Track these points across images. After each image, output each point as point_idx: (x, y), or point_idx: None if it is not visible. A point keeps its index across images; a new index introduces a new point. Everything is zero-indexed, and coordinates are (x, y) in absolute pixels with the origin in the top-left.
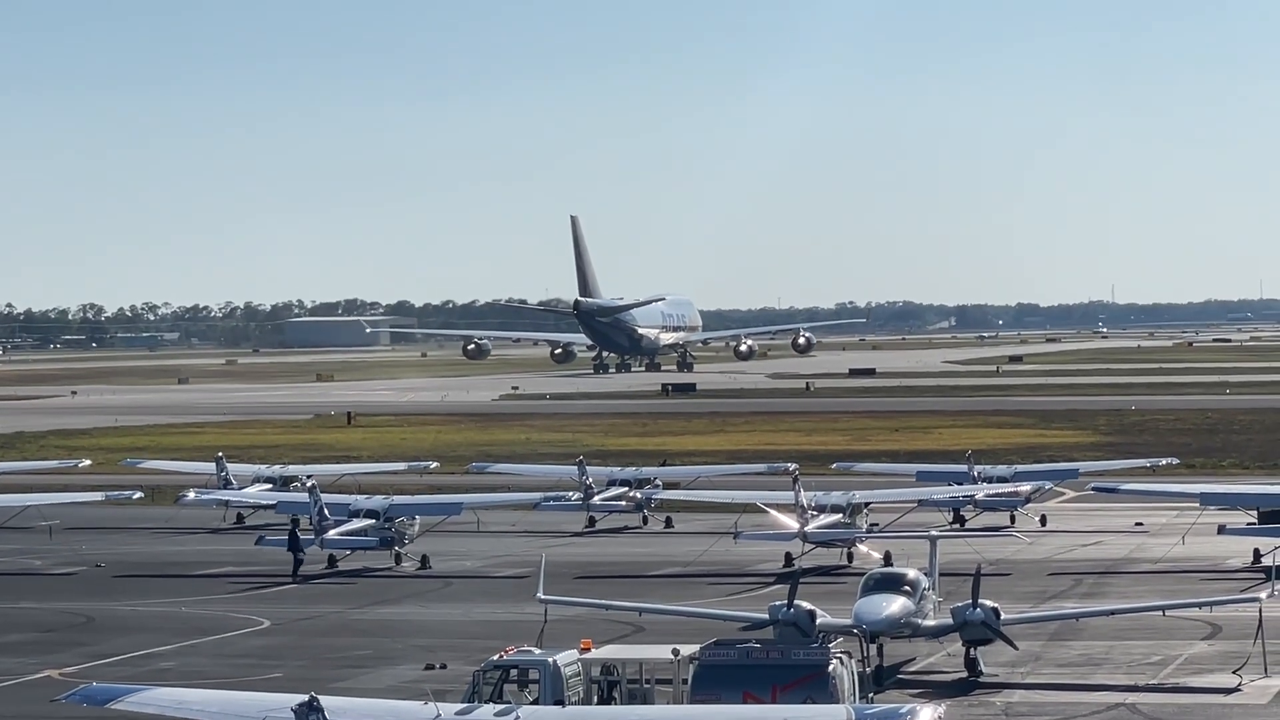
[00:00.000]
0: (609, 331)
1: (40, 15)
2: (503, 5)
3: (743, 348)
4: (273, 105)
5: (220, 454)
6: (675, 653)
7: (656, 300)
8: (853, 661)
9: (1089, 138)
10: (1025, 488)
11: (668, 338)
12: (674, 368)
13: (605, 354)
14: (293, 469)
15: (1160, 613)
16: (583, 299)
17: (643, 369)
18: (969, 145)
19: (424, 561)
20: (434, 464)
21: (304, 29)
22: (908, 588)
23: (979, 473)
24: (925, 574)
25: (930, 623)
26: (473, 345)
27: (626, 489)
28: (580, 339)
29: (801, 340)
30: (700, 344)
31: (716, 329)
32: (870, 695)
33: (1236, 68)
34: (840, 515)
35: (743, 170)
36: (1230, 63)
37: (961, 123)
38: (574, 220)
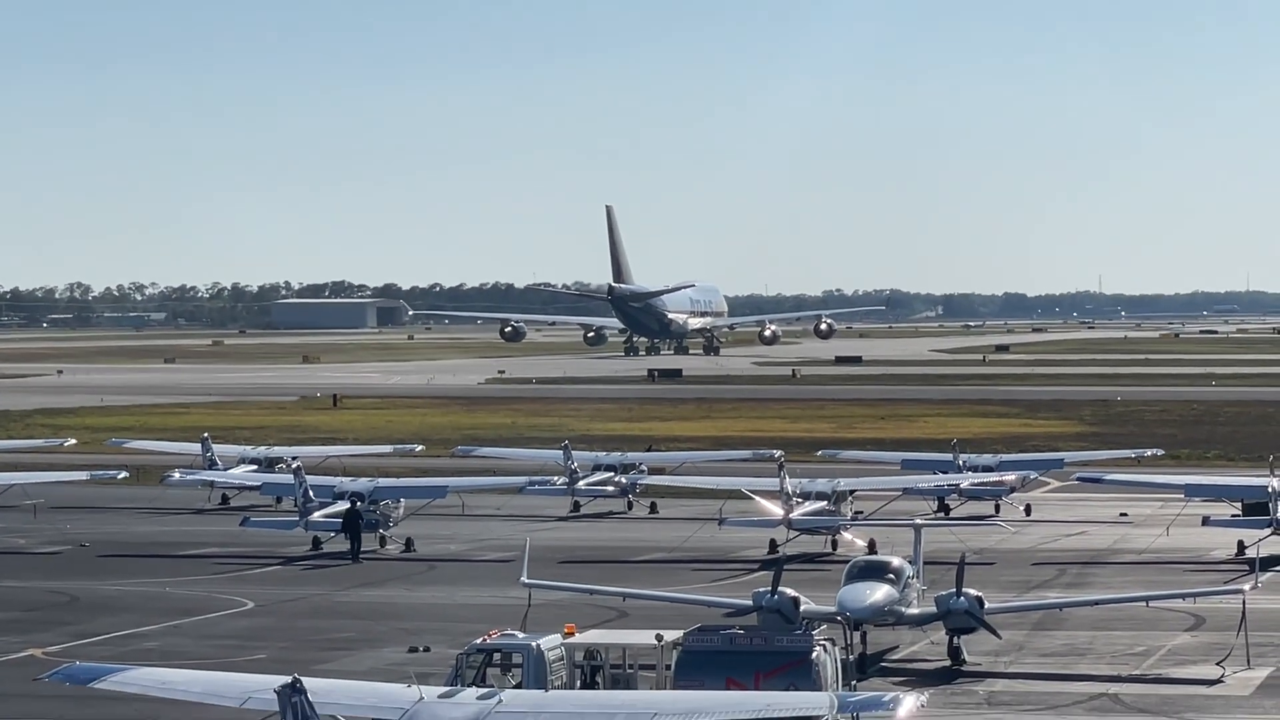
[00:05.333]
0: (640, 316)
1: None
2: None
3: (766, 333)
4: (264, 85)
5: (206, 435)
6: (659, 638)
7: (686, 287)
8: (836, 649)
9: (1077, 128)
10: (1010, 477)
11: (696, 322)
12: (700, 351)
13: (636, 338)
14: (278, 450)
15: (1144, 604)
16: (617, 285)
17: (671, 352)
18: (957, 135)
19: (408, 544)
20: (419, 447)
21: (298, 6)
22: (892, 576)
23: (964, 461)
24: (910, 562)
25: (914, 611)
26: (510, 328)
27: (612, 474)
28: (612, 323)
29: (824, 326)
30: (727, 329)
31: None
32: (853, 683)
33: (1227, 60)
34: (825, 502)
35: (729, 160)
36: (1221, 55)
37: (950, 113)
38: (609, 210)
